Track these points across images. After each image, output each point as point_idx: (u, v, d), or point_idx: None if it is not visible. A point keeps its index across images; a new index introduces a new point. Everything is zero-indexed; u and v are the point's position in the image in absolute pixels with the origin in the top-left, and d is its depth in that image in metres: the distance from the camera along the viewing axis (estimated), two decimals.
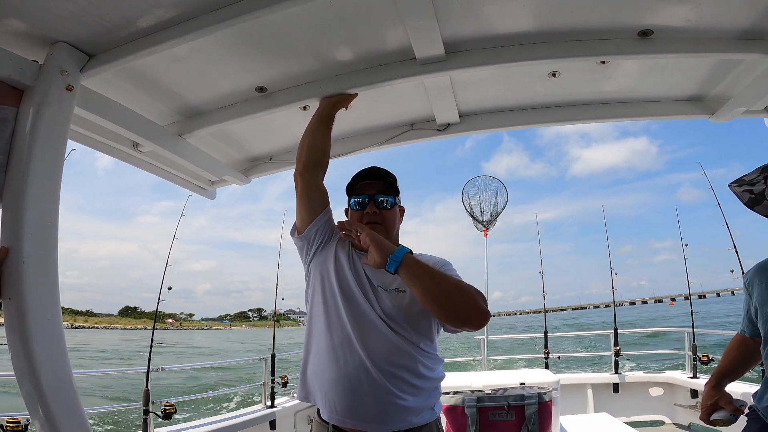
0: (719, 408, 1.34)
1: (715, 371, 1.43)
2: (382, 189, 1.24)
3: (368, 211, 1.21)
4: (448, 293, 1.00)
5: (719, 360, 1.47)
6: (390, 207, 1.24)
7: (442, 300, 1.00)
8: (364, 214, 1.22)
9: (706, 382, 1.41)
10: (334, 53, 1.39)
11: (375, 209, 1.21)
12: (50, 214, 1.08)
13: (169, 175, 1.92)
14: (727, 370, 1.40)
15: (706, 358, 3.53)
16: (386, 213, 1.23)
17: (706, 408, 1.36)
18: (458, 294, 1.01)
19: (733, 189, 1.33)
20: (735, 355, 1.40)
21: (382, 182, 1.24)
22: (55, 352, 1.02)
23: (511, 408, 2.07)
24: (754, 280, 1.28)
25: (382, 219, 1.21)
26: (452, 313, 1.02)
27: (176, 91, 1.53)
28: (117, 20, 1.14)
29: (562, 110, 1.77)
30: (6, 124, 1.07)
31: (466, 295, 1.01)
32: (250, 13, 1.12)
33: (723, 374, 1.40)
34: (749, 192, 1.29)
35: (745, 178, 1.29)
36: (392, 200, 1.24)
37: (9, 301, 1.00)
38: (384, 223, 1.21)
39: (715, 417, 1.33)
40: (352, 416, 1.04)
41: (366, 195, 1.23)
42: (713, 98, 1.73)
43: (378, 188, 1.24)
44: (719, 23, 1.28)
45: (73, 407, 1.02)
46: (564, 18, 1.28)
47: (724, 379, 1.40)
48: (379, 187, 1.24)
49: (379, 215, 1.21)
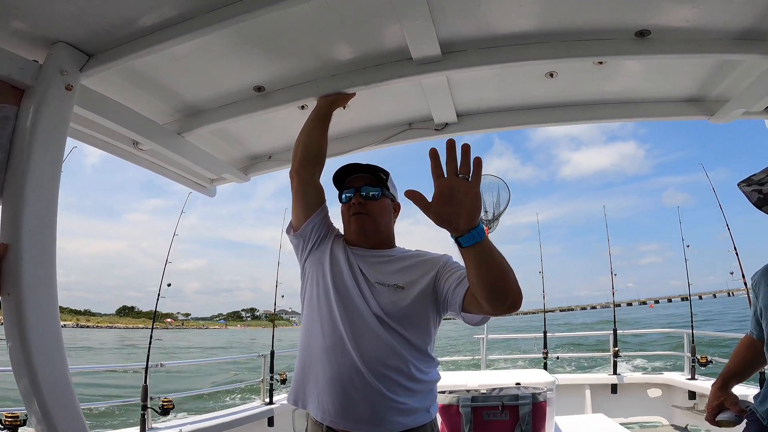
0: (725, 409, 1.33)
1: (722, 372, 1.43)
2: (370, 181, 1.23)
3: (354, 201, 1.21)
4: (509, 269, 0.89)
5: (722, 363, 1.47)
6: (377, 198, 1.22)
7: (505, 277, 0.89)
8: (351, 204, 1.22)
9: (713, 383, 1.41)
10: (331, 53, 1.40)
11: (361, 200, 1.21)
12: (49, 212, 1.10)
13: (169, 173, 1.93)
14: (735, 371, 1.40)
15: (704, 359, 3.53)
16: (372, 204, 1.21)
17: (712, 409, 1.36)
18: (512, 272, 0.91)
19: (742, 188, 1.31)
20: (743, 356, 1.40)
21: (371, 175, 1.24)
22: (53, 348, 1.04)
23: (505, 408, 2.08)
24: (761, 281, 1.28)
25: (367, 210, 1.20)
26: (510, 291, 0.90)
27: (175, 90, 1.54)
28: (116, 20, 1.15)
29: (559, 110, 1.77)
30: (6, 123, 1.08)
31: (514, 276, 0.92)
32: (249, 13, 1.13)
33: (730, 375, 1.39)
34: (758, 192, 1.28)
35: (753, 178, 1.27)
36: (379, 192, 1.23)
37: (8, 297, 1.01)
38: (370, 213, 1.21)
39: (720, 418, 1.33)
40: (345, 418, 1.05)
41: (353, 188, 1.23)
42: (713, 99, 1.72)
43: (365, 180, 1.24)
44: (718, 24, 1.27)
45: (69, 402, 1.04)
46: (561, 18, 1.28)
47: (730, 380, 1.39)
48: (367, 179, 1.24)
49: (364, 206, 1.20)
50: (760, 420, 1.21)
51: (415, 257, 1.19)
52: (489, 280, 0.88)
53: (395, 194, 1.31)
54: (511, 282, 0.89)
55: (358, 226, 1.21)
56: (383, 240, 1.24)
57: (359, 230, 1.21)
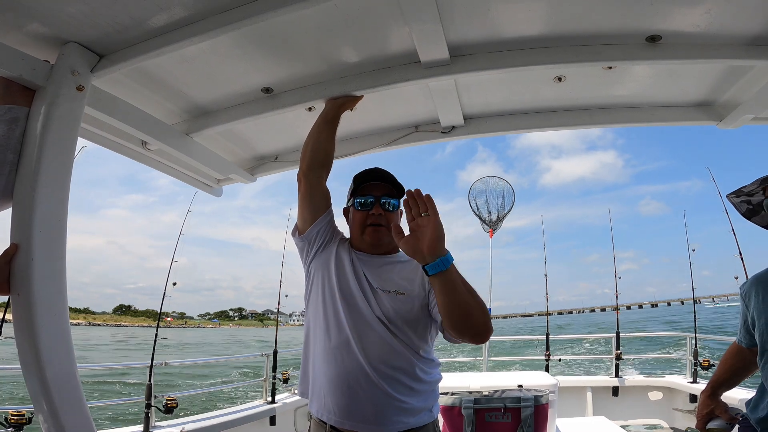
0: (715, 416, 1.34)
1: (710, 380, 1.44)
2: (389, 191, 1.23)
3: (374, 212, 1.21)
4: (474, 307, 0.96)
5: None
6: (394, 210, 1.24)
7: (468, 314, 0.96)
8: (369, 215, 1.21)
9: (702, 391, 1.41)
10: (339, 55, 1.40)
11: (381, 211, 1.21)
12: (59, 212, 1.10)
13: (176, 173, 1.94)
14: (723, 379, 1.41)
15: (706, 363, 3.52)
16: (391, 215, 1.23)
17: (702, 417, 1.37)
18: (480, 311, 0.97)
19: (731, 200, 1.33)
20: (731, 364, 1.40)
21: (390, 184, 1.24)
22: (62, 347, 1.04)
23: (507, 410, 2.09)
24: (751, 291, 1.27)
25: (386, 221, 1.21)
26: (470, 328, 0.98)
27: (184, 91, 1.55)
28: (127, 21, 1.15)
29: (567, 114, 1.76)
30: (17, 124, 1.09)
31: (485, 313, 0.99)
32: (259, 15, 1.13)
33: (719, 383, 1.40)
34: (747, 203, 1.30)
35: (743, 189, 1.30)
36: (397, 203, 1.24)
37: (18, 296, 1.02)
38: (388, 225, 1.21)
39: (711, 426, 1.34)
40: (349, 417, 1.06)
41: (372, 196, 1.22)
42: (722, 104, 1.71)
43: (384, 190, 1.23)
44: (729, 29, 1.27)
45: (77, 402, 1.04)
46: (571, 23, 1.28)
47: (719, 388, 1.40)
48: (386, 189, 1.24)
49: (384, 217, 1.21)
50: (753, 427, 1.21)
51: (415, 263, 1.20)
52: (454, 312, 0.96)
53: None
54: (474, 318, 0.96)
55: (375, 238, 1.21)
56: (391, 248, 1.26)
57: (375, 242, 1.21)
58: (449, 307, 0.95)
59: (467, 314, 0.95)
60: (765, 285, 1.23)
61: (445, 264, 0.92)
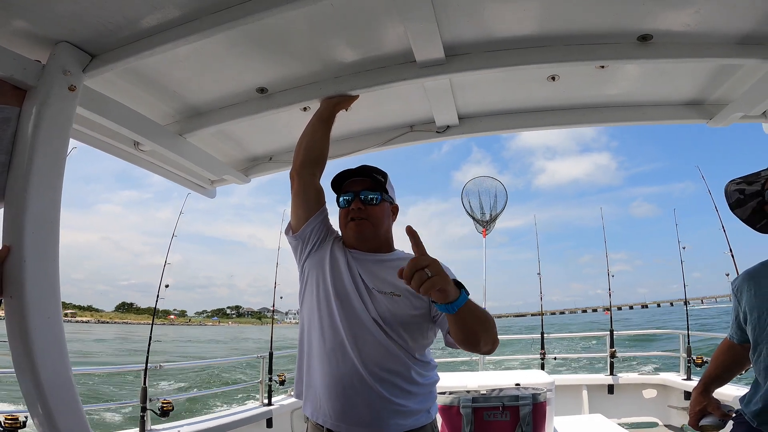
0: (708, 413, 1.34)
1: (702, 377, 1.44)
2: (369, 185, 1.22)
3: (353, 207, 1.20)
4: (485, 334, 0.98)
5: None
6: (377, 203, 1.21)
7: (479, 338, 0.98)
8: (350, 210, 1.20)
9: (694, 388, 1.42)
10: (334, 55, 1.40)
11: (360, 205, 1.20)
12: (52, 213, 1.09)
13: (169, 174, 1.93)
14: (715, 375, 1.41)
15: (700, 360, 3.56)
16: (372, 209, 1.20)
17: (695, 414, 1.37)
18: (489, 335, 0.99)
19: (728, 187, 1.30)
20: (723, 360, 1.41)
21: (370, 179, 1.23)
22: (55, 349, 1.03)
23: (505, 408, 2.09)
24: (743, 286, 1.28)
25: (367, 215, 1.19)
26: (478, 347, 1.01)
27: (177, 91, 1.54)
28: (119, 21, 1.15)
29: (561, 114, 1.78)
30: (8, 124, 1.07)
31: (494, 333, 1.00)
32: (252, 15, 1.12)
33: (711, 380, 1.41)
34: (740, 192, 1.27)
35: (745, 177, 1.27)
36: (379, 196, 1.21)
37: (10, 299, 1.01)
38: (370, 218, 1.20)
39: (703, 423, 1.34)
40: (345, 420, 1.05)
41: (352, 192, 1.22)
42: (712, 103, 1.73)
43: (365, 185, 1.22)
44: (719, 28, 1.29)
45: (72, 405, 1.03)
46: (564, 22, 1.29)
47: (711, 384, 1.40)
48: (366, 183, 1.22)
49: (364, 211, 1.19)
50: (748, 422, 1.21)
51: None
52: (468, 338, 0.99)
53: (393, 196, 1.29)
54: (484, 339, 0.99)
55: (356, 231, 1.20)
56: (382, 244, 1.24)
57: (357, 236, 1.20)
58: (462, 334, 0.97)
59: (478, 339, 0.98)
60: (757, 280, 1.24)
61: (460, 302, 0.87)
